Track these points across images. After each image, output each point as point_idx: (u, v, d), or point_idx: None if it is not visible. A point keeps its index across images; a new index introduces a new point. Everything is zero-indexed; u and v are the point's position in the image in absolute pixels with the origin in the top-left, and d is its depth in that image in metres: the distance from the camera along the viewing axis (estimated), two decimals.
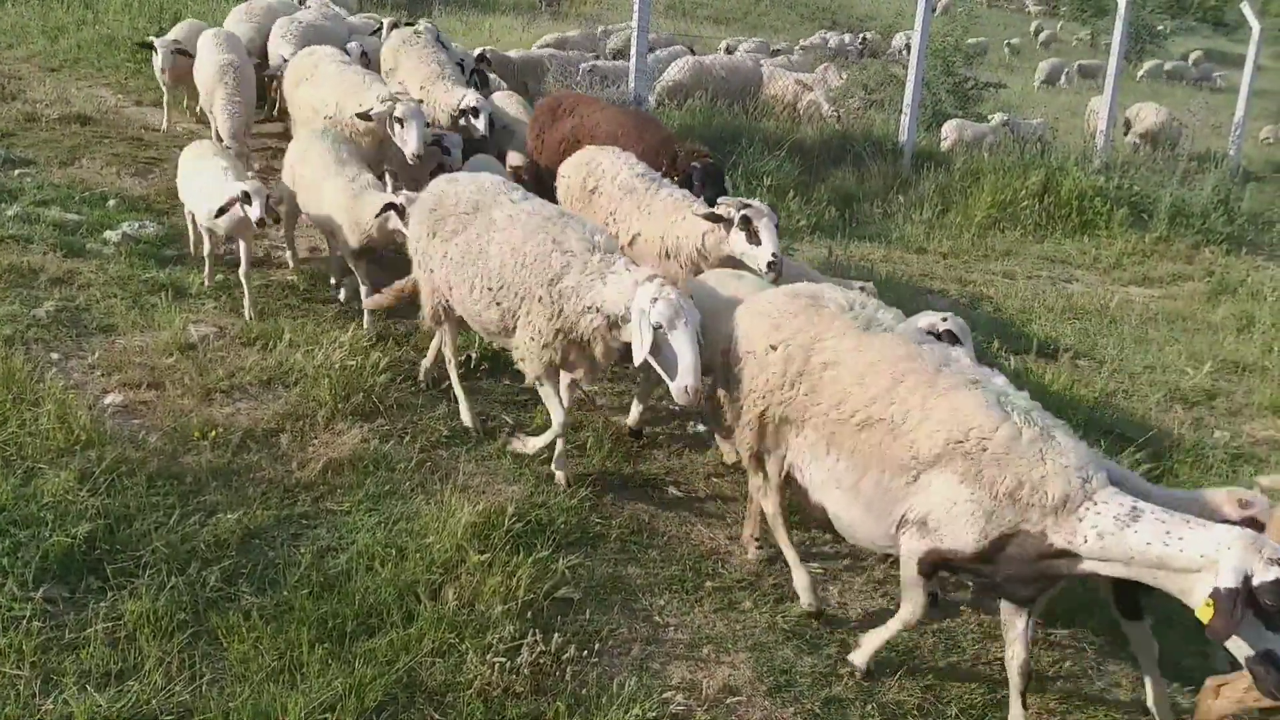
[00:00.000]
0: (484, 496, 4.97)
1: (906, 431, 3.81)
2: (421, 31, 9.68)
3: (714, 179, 6.69)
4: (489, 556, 4.42)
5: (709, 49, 18.01)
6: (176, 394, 5.58)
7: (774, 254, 5.32)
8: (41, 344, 5.96)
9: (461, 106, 8.22)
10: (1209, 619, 3.15)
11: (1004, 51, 30.24)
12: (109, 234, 7.58)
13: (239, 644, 3.82)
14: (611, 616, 4.37)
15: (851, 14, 32.03)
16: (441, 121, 8.32)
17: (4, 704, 3.45)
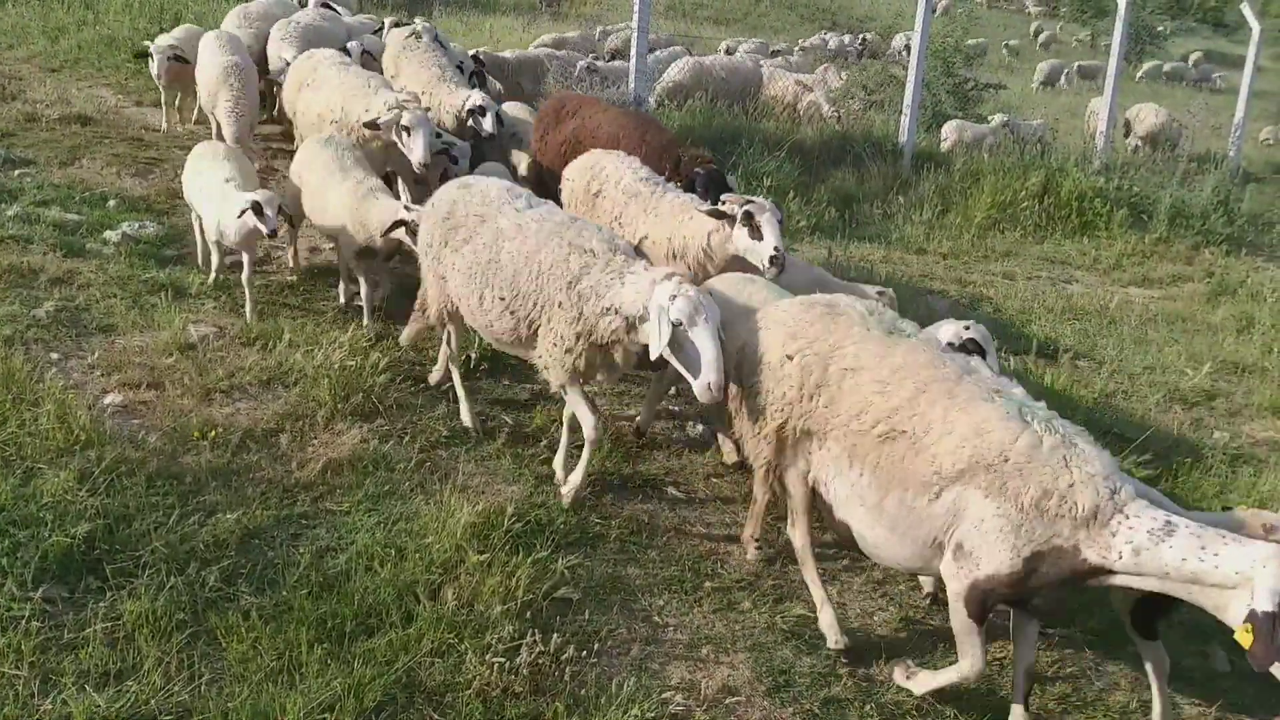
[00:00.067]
0: (483, 497, 4.97)
1: (928, 446, 3.73)
2: (420, 33, 9.67)
3: (717, 185, 6.61)
4: (488, 557, 4.42)
5: (709, 50, 18.02)
6: (176, 394, 5.58)
7: (776, 248, 5.28)
8: (41, 344, 5.96)
9: (468, 107, 8.18)
10: (1249, 645, 3.07)
11: (1002, 53, 30.24)
12: (109, 234, 7.58)
13: (238, 644, 3.82)
14: (611, 617, 4.37)
15: (851, 15, 32.06)
16: (446, 124, 8.27)
17: (3, 704, 3.45)
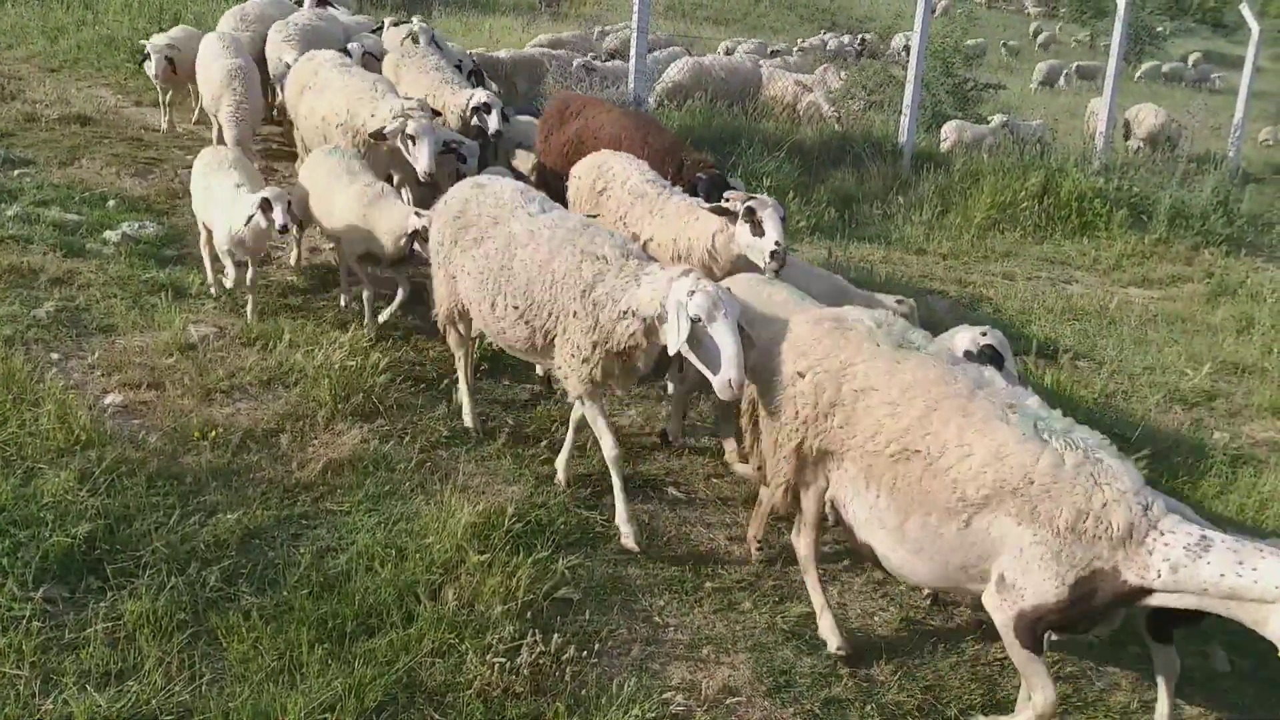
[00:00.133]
0: (484, 497, 4.97)
1: (945, 469, 3.62)
2: (417, 36, 9.69)
3: (720, 190, 6.50)
4: (489, 557, 4.42)
5: (708, 50, 18.01)
6: (176, 394, 5.58)
7: (777, 242, 5.23)
8: (41, 344, 5.96)
9: (473, 104, 8.15)
10: None
11: (1001, 53, 30.25)
12: (109, 234, 7.59)
13: (239, 644, 3.82)
14: (611, 617, 4.37)
15: (851, 15, 32.06)
16: (452, 124, 8.22)
17: (4, 704, 3.45)
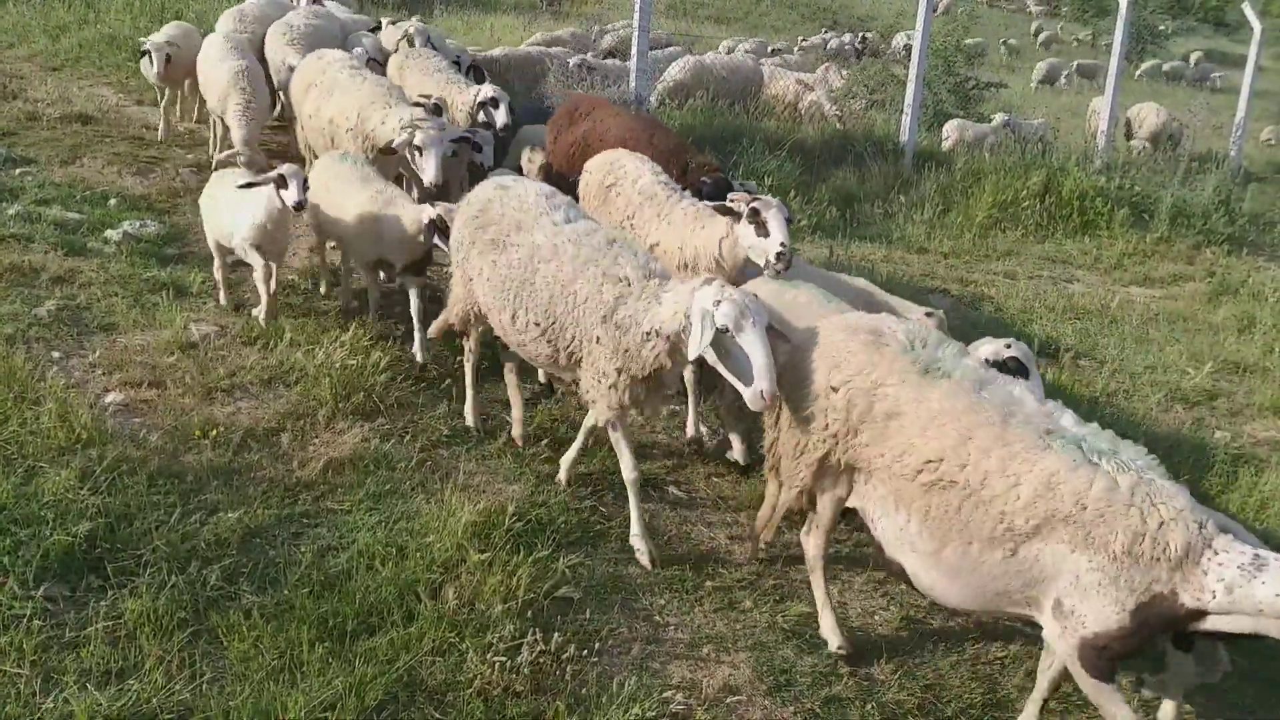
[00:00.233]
0: (484, 496, 4.97)
1: (989, 500, 3.53)
2: (412, 38, 9.71)
3: (724, 195, 6.44)
4: (489, 556, 4.42)
5: (709, 49, 17.99)
6: (177, 393, 5.59)
7: (782, 244, 5.18)
8: (42, 343, 5.96)
9: (479, 99, 8.17)
10: None
11: (1001, 52, 30.20)
12: (110, 233, 7.59)
13: (239, 643, 3.82)
14: (611, 616, 4.37)
15: (852, 14, 32.04)
16: (460, 122, 8.24)
17: (4, 702, 3.45)
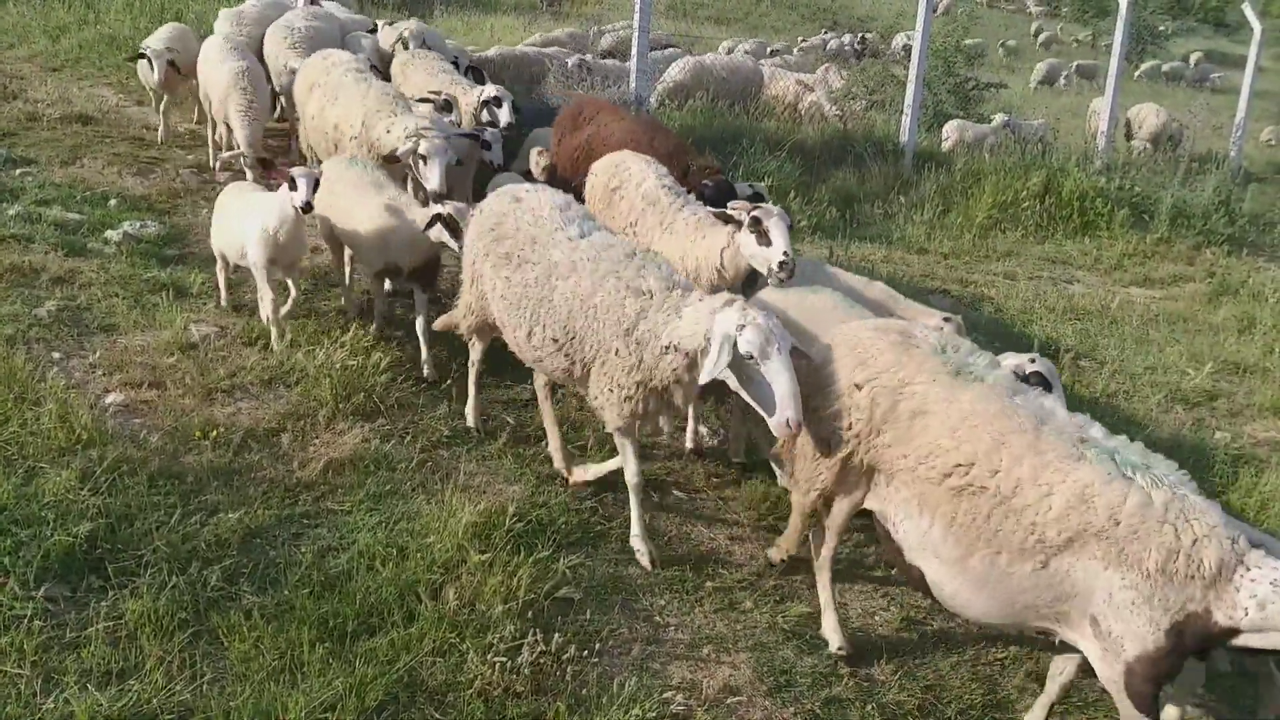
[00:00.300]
0: (485, 496, 4.97)
1: (1020, 509, 3.47)
2: (407, 40, 9.73)
3: (726, 197, 6.38)
4: (490, 556, 4.42)
5: (709, 50, 18.00)
6: (178, 393, 5.59)
7: (785, 253, 5.10)
8: (43, 343, 5.96)
9: (483, 98, 8.16)
10: None
11: (999, 52, 30.17)
12: (110, 233, 7.59)
13: (240, 643, 3.82)
14: (612, 616, 4.38)
15: (852, 14, 32.04)
16: (464, 123, 8.22)
17: (5, 703, 3.46)
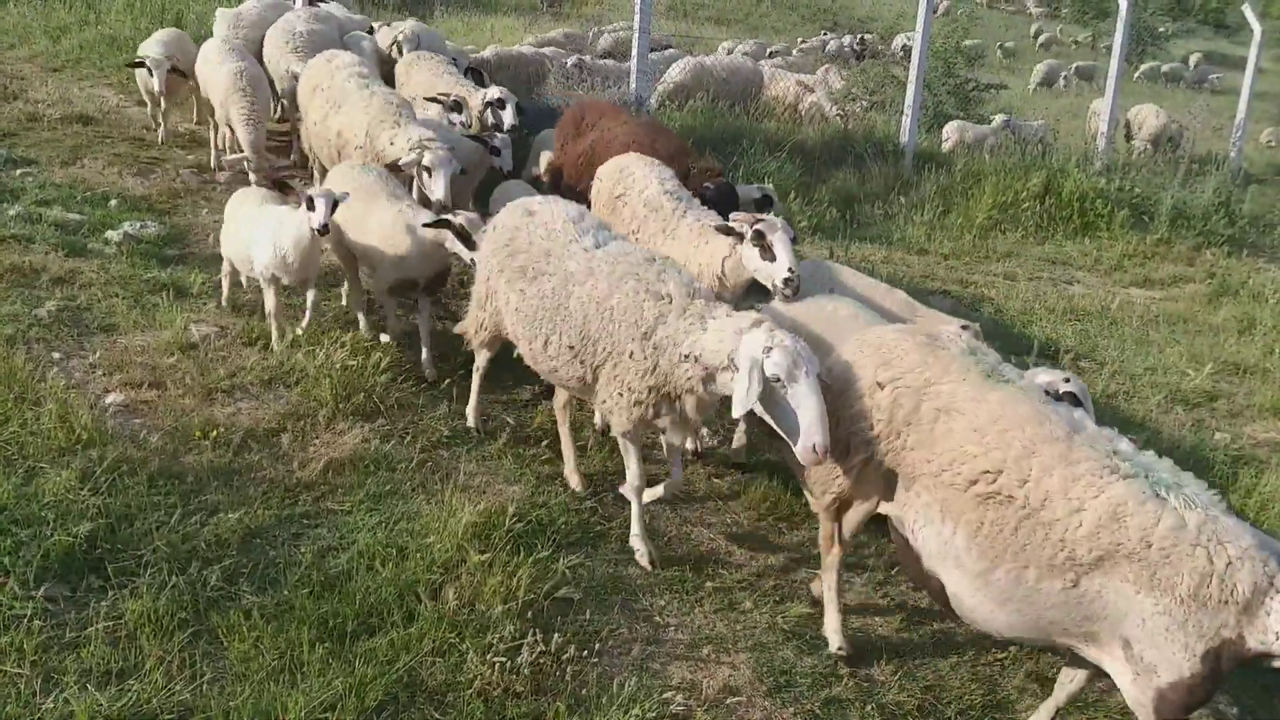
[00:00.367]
0: (485, 496, 4.97)
1: (1049, 522, 3.37)
2: (401, 44, 9.75)
3: (727, 200, 6.46)
4: (489, 556, 4.42)
5: (709, 50, 18.00)
6: (178, 393, 5.59)
7: (790, 269, 5.04)
8: (43, 343, 5.97)
9: (486, 100, 8.16)
10: None
11: (998, 54, 30.15)
12: (110, 234, 7.59)
13: (240, 643, 3.83)
14: (612, 616, 4.38)
15: (852, 15, 32.04)
16: (471, 124, 8.19)
17: (5, 703, 3.46)
